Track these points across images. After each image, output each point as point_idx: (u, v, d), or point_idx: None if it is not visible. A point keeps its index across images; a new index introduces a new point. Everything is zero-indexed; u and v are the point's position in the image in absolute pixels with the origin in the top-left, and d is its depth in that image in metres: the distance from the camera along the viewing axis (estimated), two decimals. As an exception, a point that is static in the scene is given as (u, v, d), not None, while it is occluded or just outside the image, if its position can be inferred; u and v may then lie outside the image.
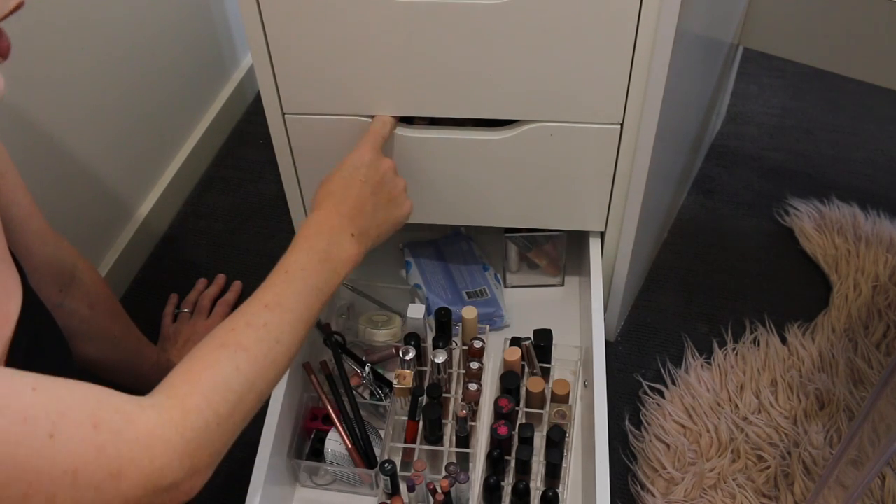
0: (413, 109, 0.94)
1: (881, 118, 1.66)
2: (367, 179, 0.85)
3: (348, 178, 0.85)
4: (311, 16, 0.86)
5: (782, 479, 1.09)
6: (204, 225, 1.50)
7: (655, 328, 1.29)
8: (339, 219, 0.81)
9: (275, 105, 0.95)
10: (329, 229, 0.80)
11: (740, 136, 1.64)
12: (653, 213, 1.19)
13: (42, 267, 0.87)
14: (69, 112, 1.21)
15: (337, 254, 0.79)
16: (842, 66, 1.33)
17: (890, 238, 1.39)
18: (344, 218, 0.82)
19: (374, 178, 0.86)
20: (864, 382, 1.19)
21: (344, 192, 0.83)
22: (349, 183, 0.85)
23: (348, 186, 0.84)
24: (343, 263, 0.80)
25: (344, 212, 0.82)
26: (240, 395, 0.64)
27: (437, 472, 0.98)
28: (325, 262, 0.77)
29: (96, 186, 1.31)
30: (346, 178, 0.85)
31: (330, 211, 0.82)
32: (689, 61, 1.02)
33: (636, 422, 1.17)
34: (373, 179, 0.86)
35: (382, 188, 0.87)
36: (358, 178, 0.85)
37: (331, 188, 0.84)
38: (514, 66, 0.88)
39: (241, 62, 1.73)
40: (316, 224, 0.80)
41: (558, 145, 0.96)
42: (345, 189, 0.84)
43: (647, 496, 1.08)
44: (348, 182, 0.85)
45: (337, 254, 0.79)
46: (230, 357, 0.65)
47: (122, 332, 1.04)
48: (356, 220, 0.83)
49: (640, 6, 0.81)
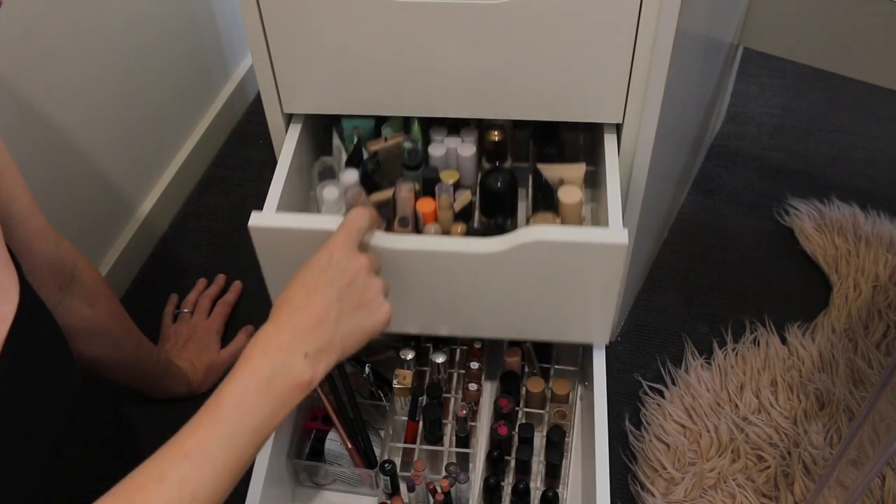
0: (413, 109, 0.94)
1: (881, 118, 1.66)
2: (334, 282, 0.72)
3: (311, 282, 0.72)
4: (311, 16, 0.86)
5: (782, 479, 1.09)
6: (204, 225, 1.50)
7: (655, 328, 1.29)
8: (291, 335, 0.69)
9: (275, 105, 0.95)
10: (276, 350, 0.68)
11: (740, 136, 1.64)
12: (653, 213, 1.19)
13: (42, 265, 0.87)
14: (69, 112, 1.21)
15: (283, 380, 0.67)
16: (842, 66, 1.33)
17: (890, 238, 1.39)
18: (298, 334, 0.69)
19: (342, 280, 0.73)
20: (864, 382, 1.19)
21: (304, 300, 0.71)
22: (312, 287, 0.72)
23: (310, 292, 0.71)
24: (291, 391, 0.67)
25: (299, 325, 0.69)
26: None
27: (437, 472, 0.99)
28: (266, 392, 0.65)
29: (96, 186, 1.31)
30: (308, 282, 0.72)
31: (282, 325, 0.69)
32: (689, 61, 1.02)
33: (636, 422, 1.17)
34: (340, 282, 0.72)
35: (351, 292, 0.73)
36: (323, 281, 0.72)
37: (289, 294, 0.72)
38: (514, 66, 0.88)
39: (241, 62, 1.73)
40: (263, 342, 0.68)
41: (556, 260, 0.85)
42: (306, 295, 0.71)
43: (647, 496, 1.08)
44: (311, 286, 0.72)
45: (283, 380, 0.67)
46: None
47: (122, 331, 1.03)
48: (314, 335, 0.70)
49: (640, 6, 0.81)
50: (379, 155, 0.96)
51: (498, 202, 0.96)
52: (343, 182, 0.94)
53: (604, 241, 0.82)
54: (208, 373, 1.21)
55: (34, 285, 0.75)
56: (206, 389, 1.21)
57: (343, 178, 0.94)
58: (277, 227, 0.83)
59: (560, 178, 0.94)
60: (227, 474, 0.62)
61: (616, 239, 0.81)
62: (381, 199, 0.92)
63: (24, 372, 0.70)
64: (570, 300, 0.89)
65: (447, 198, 0.93)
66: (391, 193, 0.93)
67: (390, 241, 0.83)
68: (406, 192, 0.93)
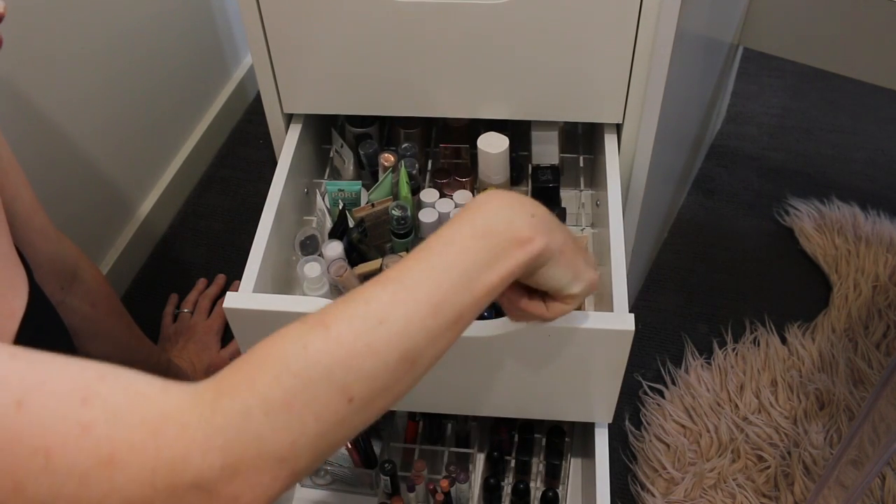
0: (413, 109, 0.94)
1: (881, 118, 1.66)
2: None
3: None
4: (311, 16, 0.86)
5: (782, 479, 1.09)
6: (204, 225, 1.50)
7: (655, 328, 1.29)
8: (515, 198, 0.58)
9: (275, 105, 0.95)
10: (501, 202, 0.57)
11: (740, 136, 1.64)
12: (653, 213, 1.19)
13: (44, 264, 0.87)
14: (69, 112, 1.21)
15: (502, 230, 0.55)
16: (842, 66, 1.33)
17: (890, 238, 1.39)
18: (526, 198, 0.59)
19: (567, 230, 0.63)
20: (864, 382, 1.19)
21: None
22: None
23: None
24: (510, 243, 0.55)
25: (524, 199, 0.59)
26: (304, 382, 0.46)
27: (437, 472, 0.99)
28: (481, 237, 0.54)
29: (97, 186, 1.31)
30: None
31: (505, 191, 0.59)
32: (689, 61, 1.02)
33: (636, 422, 1.17)
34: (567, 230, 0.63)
35: (574, 239, 0.63)
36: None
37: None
38: (514, 66, 0.88)
39: (241, 62, 1.73)
40: (486, 195, 0.58)
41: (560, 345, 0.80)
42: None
43: (647, 496, 1.08)
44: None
45: (502, 230, 0.55)
46: (301, 333, 0.48)
47: (123, 331, 1.04)
48: (540, 210, 0.58)
49: (640, 6, 0.81)
50: (366, 221, 0.88)
51: None
52: (326, 256, 0.87)
53: (609, 328, 0.76)
54: (208, 373, 1.21)
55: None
56: (206, 389, 1.21)
57: (326, 252, 0.87)
58: (253, 309, 0.76)
59: None
60: (427, 310, 0.51)
61: (622, 325, 0.76)
62: (368, 270, 0.85)
63: None
64: (574, 383, 0.84)
65: None
66: (379, 265, 0.85)
67: None
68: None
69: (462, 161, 1.00)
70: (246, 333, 0.80)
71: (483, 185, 0.92)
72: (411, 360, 0.50)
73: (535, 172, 0.95)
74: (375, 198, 0.90)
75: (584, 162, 1.03)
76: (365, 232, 0.88)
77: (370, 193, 0.91)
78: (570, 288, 0.61)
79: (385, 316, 0.49)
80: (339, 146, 1.01)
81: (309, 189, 0.99)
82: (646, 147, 0.94)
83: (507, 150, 0.90)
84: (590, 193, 1.02)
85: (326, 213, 0.95)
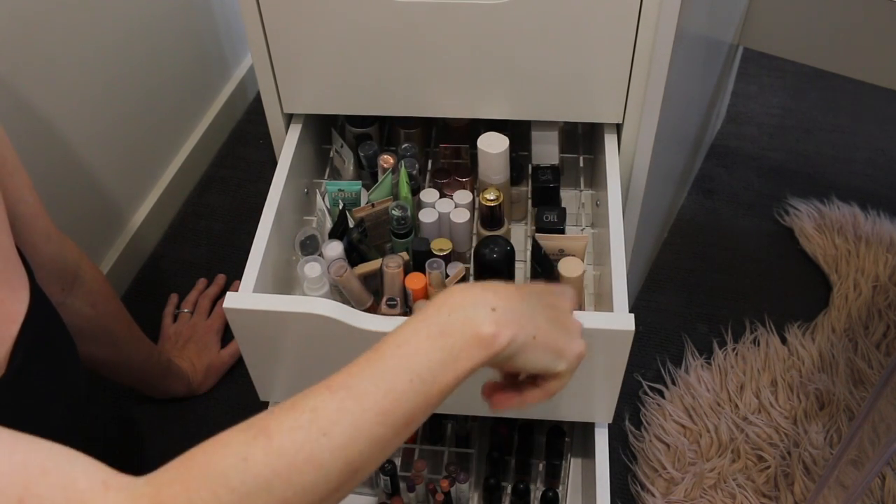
0: (413, 109, 0.94)
1: (881, 118, 1.66)
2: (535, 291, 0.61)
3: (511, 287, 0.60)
4: (311, 16, 0.86)
5: (782, 479, 1.09)
6: (204, 225, 1.50)
7: (655, 328, 1.29)
8: (480, 290, 0.56)
9: (275, 105, 0.95)
10: (460, 299, 0.55)
11: (740, 136, 1.64)
12: (653, 213, 1.19)
13: (46, 265, 0.87)
14: (69, 112, 1.21)
15: (460, 328, 0.53)
16: (842, 66, 1.33)
17: (890, 238, 1.39)
18: (488, 289, 0.56)
19: (546, 297, 0.62)
20: (864, 382, 1.19)
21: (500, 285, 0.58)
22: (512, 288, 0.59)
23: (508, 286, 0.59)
24: (469, 342, 0.53)
25: (490, 286, 0.57)
26: (241, 497, 0.45)
27: (437, 472, 0.99)
28: (437, 337, 0.53)
29: (96, 186, 1.31)
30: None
31: (469, 286, 0.57)
32: (689, 61, 1.02)
33: (636, 422, 1.17)
34: (543, 297, 0.61)
35: (551, 310, 0.61)
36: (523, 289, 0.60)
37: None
38: (514, 66, 0.88)
39: (242, 62, 1.73)
40: (443, 295, 0.56)
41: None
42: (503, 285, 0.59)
43: (647, 496, 1.08)
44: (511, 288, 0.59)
45: (460, 328, 0.53)
46: (243, 442, 0.47)
47: (124, 331, 1.04)
48: (507, 297, 0.56)
49: (640, 6, 0.81)
50: (366, 222, 0.88)
51: (494, 275, 0.85)
52: (326, 256, 0.87)
53: (609, 328, 0.76)
54: (208, 373, 1.21)
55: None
56: (206, 389, 1.21)
57: (326, 252, 0.87)
58: (253, 309, 0.76)
59: (560, 248, 0.88)
60: (375, 419, 0.50)
61: (622, 325, 0.76)
62: (368, 270, 0.85)
63: (34, 369, 0.71)
64: (574, 383, 0.78)
65: (438, 275, 0.84)
66: (379, 265, 0.85)
67: (376, 322, 0.75)
68: (394, 269, 0.84)
69: (462, 161, 1.00)
70: (246, 333, 0.80)
71: (483, 184, 0.92)
72: (355, 469, 0.49)
73: (535, 172, 0.95)
74: (375, 198, 0.90)
75: (584, 162, 1.03)
76: (365, 232, 0.88)
77: (370, 193, 0.91)
78: (554, 367, 0.59)
79: (329, 427, 0.48)
80: (339, 146, 1.00)
81: (309, 189, 0.99)
82: (646, 147, 0.94)
83: (507, 150, 0.90)
84: (590, 193, 1.02)
85: (326, 213, 0.95)
